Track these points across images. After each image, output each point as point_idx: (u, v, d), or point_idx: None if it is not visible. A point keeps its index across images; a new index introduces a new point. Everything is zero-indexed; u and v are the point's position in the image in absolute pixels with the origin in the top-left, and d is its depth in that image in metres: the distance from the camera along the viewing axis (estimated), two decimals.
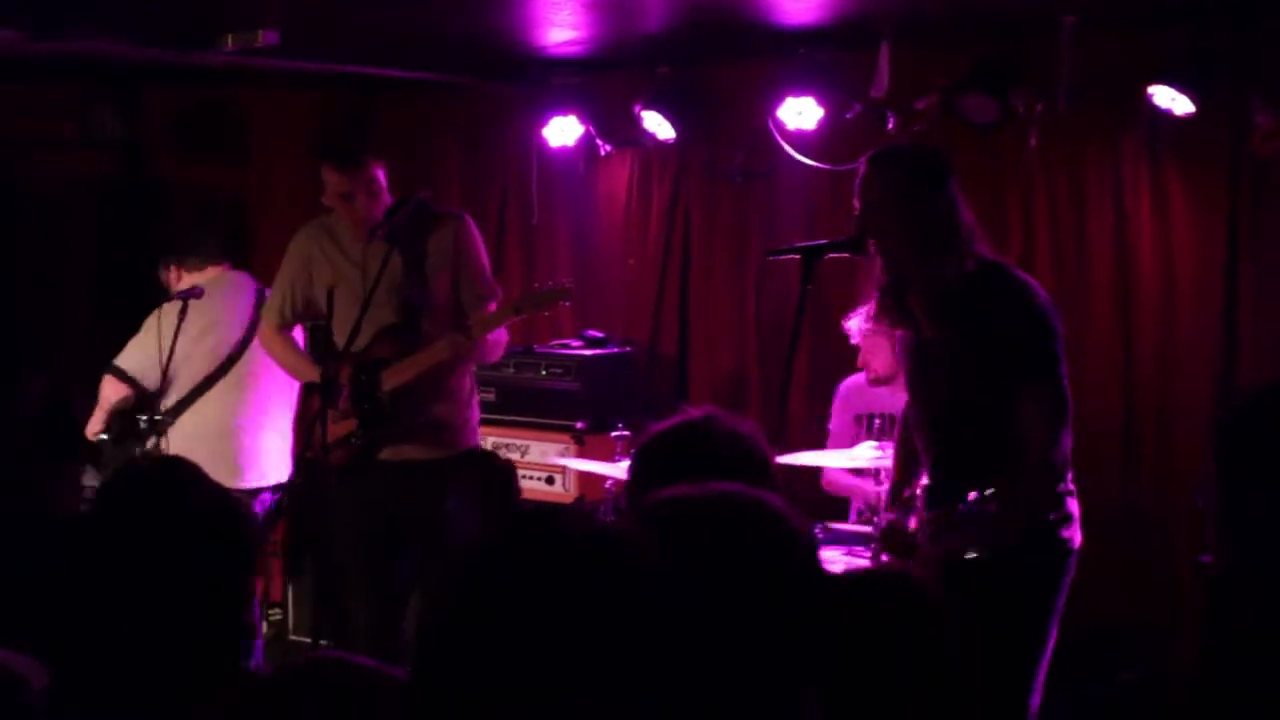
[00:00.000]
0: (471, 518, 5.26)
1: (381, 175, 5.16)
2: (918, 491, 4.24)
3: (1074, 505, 4.06)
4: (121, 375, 5.70)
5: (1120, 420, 5.55)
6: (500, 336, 5.27)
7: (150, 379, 5.69)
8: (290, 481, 5.63)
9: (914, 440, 4.25)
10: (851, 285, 4.84)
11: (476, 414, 5.35)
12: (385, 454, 5.10)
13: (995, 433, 3.92)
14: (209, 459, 5.01)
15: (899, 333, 4.20)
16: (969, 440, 3.98)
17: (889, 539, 4.25)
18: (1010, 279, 4.01)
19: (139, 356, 5.72)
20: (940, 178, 4.00)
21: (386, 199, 5.17)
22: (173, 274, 5.89)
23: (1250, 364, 5.26)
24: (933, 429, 4.11)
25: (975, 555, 3.83)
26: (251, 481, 5.74)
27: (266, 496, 5.77)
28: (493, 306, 5.19)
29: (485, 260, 5.27)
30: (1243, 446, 2.07)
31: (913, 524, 4.17)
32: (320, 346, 5.37)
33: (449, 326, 5.09)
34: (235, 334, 5.78)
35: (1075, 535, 4.06)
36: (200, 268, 5.87)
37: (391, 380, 5.03)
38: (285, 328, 5.38)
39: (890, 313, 4.09)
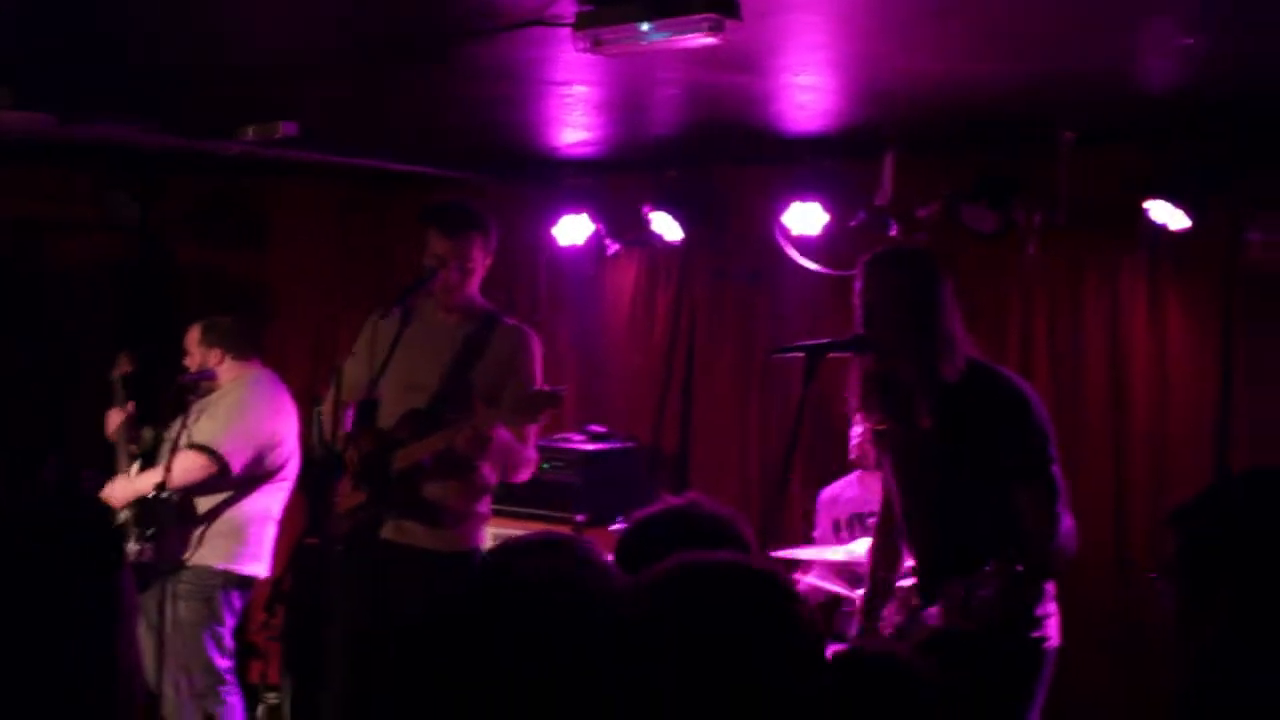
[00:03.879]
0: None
1: (479, 255, 5.15)
2: (897, 582, 4.33)
3: (1053, 605, 4.14)
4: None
5: (1112, 530, 5.61)
6: (529, 453, 5.20)
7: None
8: (293, 566, 5.72)
9: (893, 531, 4.35)
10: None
11: (484, 511, 5.29)
12: (387, 533, 5.08)
13: (988, 522, 4.00)
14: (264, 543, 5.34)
15: (881, 427, 4.29)
16: (961, 529, 4.06)
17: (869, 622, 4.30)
18: (1004, 380, 4.13)
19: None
20: (938, 278, 4.13)
21: (476, 279, 5.18)
22: (214, 356, 6.00)
23: None
24: (922, 519, 4.18)
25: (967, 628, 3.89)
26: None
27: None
28: (534, 427, 5.14)
29: (537, 378, 5.19)
30: (1203, 532, 2.15)
31: (891, 612, 4.25)
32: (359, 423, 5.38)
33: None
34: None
35: (1054, 634, 4.13)
36: (246, 358, 6.01)
37: (402, 460, 5.04)
38: (343, 406, 5.27)
39: (880, 406, 4.19)
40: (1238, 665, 2.09)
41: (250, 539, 5.88)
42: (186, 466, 5.70)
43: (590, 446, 6.78)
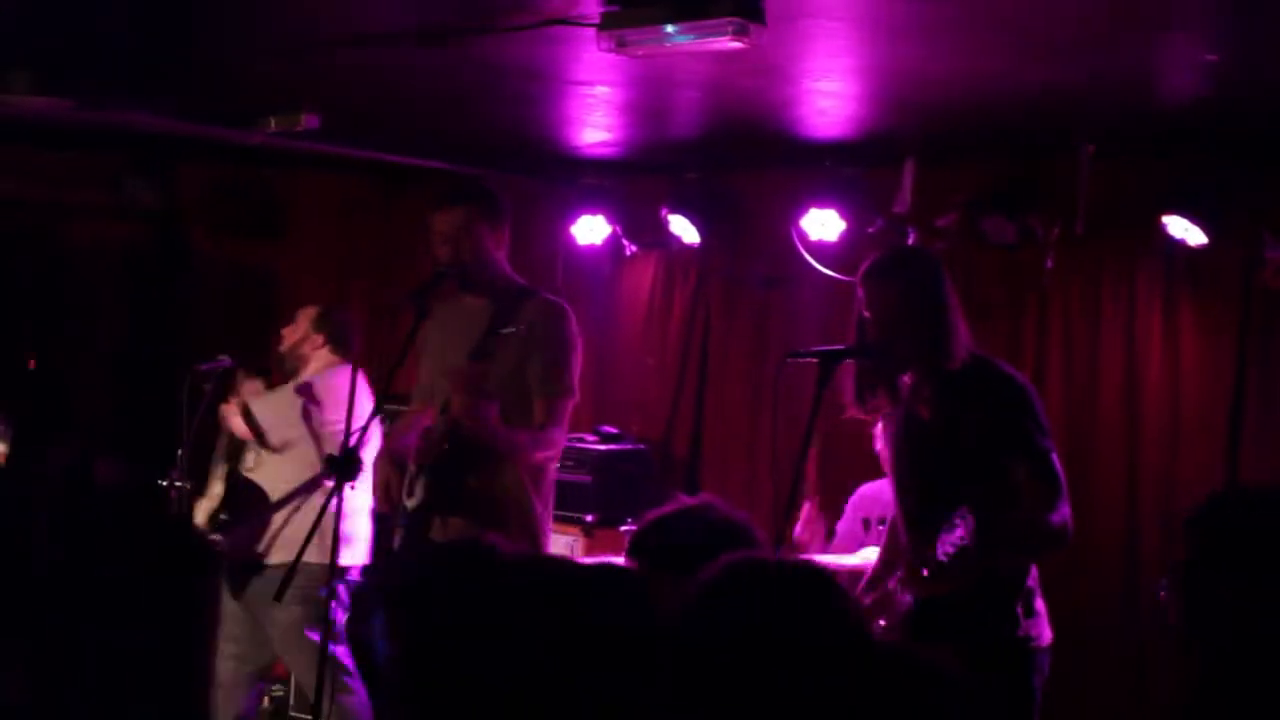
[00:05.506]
0: None
1: (480, 227, 4.79)
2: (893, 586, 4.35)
3: (1040, 603, 4.17)
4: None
5: (1123, 540, 5.61)
6: (552, 438, 4.77)
7: None
8: None
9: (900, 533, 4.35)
10: None
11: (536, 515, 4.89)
12: (434, 532, 4.73)
13: (982, 506, 4.00)
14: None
15: (869, 419, 4.33)
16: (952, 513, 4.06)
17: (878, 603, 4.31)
18: (1001, 369, 4.19)
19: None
20: (940, 274, 4.18)
21: (491, 254, 4.85)
22: (317, 340, 5.98)
23: None
24: (917, 507, 4.18)
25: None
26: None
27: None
28: (563, 406, 4.74)
29: (568, 353, 4.75)
30: (1212, 543, 2.15)
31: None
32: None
33: (514, 404, 4.66)
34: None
35: (1044, 632, 4.16)
36: (343, 356, 5.96)
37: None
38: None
39: (880, 398, 4.22)
40: (1239, 678, 2.09)
41: (353, 534, 5.82)
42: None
43: (602, 447, 6.78)
